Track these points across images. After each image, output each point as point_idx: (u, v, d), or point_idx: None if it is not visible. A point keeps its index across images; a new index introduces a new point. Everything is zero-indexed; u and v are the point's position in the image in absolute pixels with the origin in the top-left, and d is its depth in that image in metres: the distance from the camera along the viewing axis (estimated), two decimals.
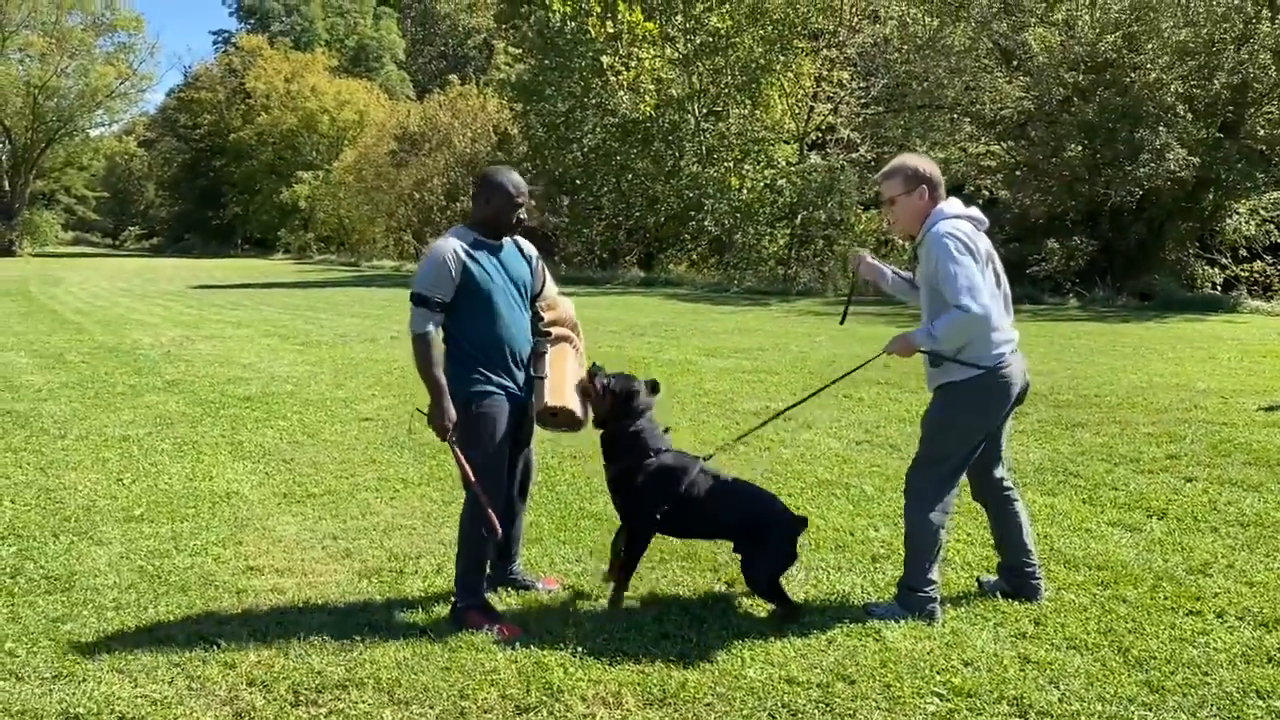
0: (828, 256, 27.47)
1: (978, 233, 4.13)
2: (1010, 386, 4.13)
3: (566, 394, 4.24)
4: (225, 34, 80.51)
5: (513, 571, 4.54)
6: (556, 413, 4.24)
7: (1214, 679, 3.60)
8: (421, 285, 4.10)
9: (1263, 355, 12.55)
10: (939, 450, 4.19)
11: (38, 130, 58.61)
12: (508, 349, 4.19)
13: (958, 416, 4.14)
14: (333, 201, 50.37)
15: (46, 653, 3.90)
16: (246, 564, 4.90)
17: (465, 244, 4.16)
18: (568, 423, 4.31)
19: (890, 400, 9.28)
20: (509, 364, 4.20)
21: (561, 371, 4.29)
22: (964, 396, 4.10)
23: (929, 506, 4.17)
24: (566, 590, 4.51)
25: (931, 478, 4.19)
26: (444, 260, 4.09)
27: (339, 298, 24.38)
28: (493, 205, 4.21)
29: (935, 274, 4.03)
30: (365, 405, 9.16)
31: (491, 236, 4.25)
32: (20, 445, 7.49)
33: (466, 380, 4.13)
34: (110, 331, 15.69)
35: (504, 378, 4.18)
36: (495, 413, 4.15)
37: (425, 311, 4.09)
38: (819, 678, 3.61)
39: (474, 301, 4.13)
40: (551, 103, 31.41)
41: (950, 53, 24.09)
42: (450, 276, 4.09)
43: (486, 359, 4.15)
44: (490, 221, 4.23)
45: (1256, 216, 22.77)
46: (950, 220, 4.09)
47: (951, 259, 3.95)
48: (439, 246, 4.15)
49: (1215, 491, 6.06)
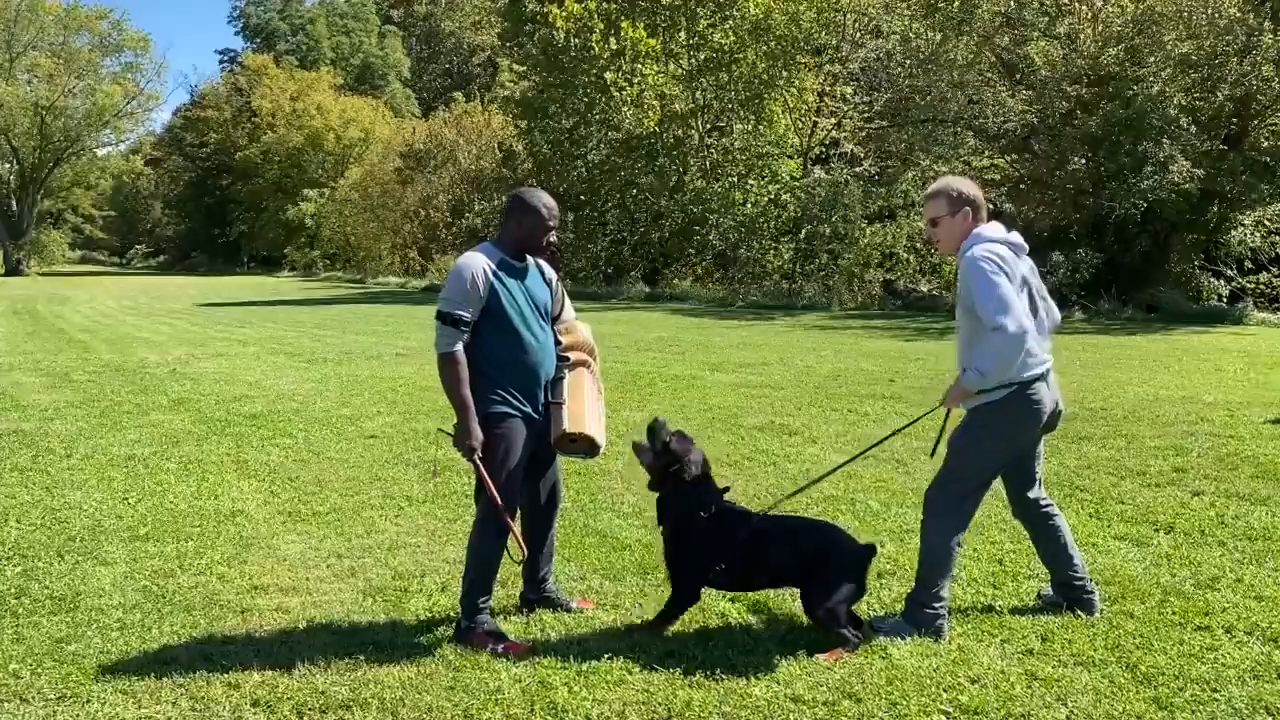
0: (832, 270, 27.50)
1: (1016, 257, 4.11)
2: (1040, 410, 4.12)
3: (586, 420, 4.20)
4: (231, 53, 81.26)
5: (546, 590, 4.49)
6: (576, 438, 4.21)
7: (1223, 695, 3.57)
8: (448, 304, 4.05)
9: (1269, 367, 12.51)
10: (964, 469, 4.18)
11: (45, 150, 58.98)
12: (531, 372, 4.17)
13: (985, 437, 4.13)
14: (338, 219, 50.54)
15: (51, 674, 3.89)
16: (251, 583, 4.89)
17: (493, 263, 4.13)
18: (586, 448, 4.27)
19: (896, 415, 9.25)
20: (531, 387, 4.18)
21: (580, 397, 4.25)
22: (993, 417, 4.09)
23: (949, 525, 4.16)
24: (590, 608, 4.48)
25: (954, 496, 4.18)
26: (473, 278, 4.04)
27: (345, 315, 24.44)
28: (524, 226, 4.18)
29: (970, 295, 4.03)
30: (370, 423, 9.16)
31: (518, 258, 4.22)
32: (26, 464, 7.50)
33: (485, 401, 4.10)
34: (116, 350, 15.74)
35: (523, 401, 4.16)
36: (512, 434, 4.12)
37: (453, 331, 4.05)
38: (825, 696, 3.59)
39: (498, 323, 4.09)
40: (556, 119, 31.54)
41: (953, 67, 24.16)
42: (478, 296, 4.04)
43: (508, 381, 4.12)
44: (521, 242, 4.21)
45: (1262, 228, 22.78)
46: (986, 244, 4.08)
47: (985, 279, 3.94)
48: (467, 264, 4.09)
49: (1223, 505, 6.03)
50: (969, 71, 24.14)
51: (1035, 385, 4.09)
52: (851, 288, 26.59)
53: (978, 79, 24.23)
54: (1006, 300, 3.91)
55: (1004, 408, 4.07)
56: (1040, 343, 4.13)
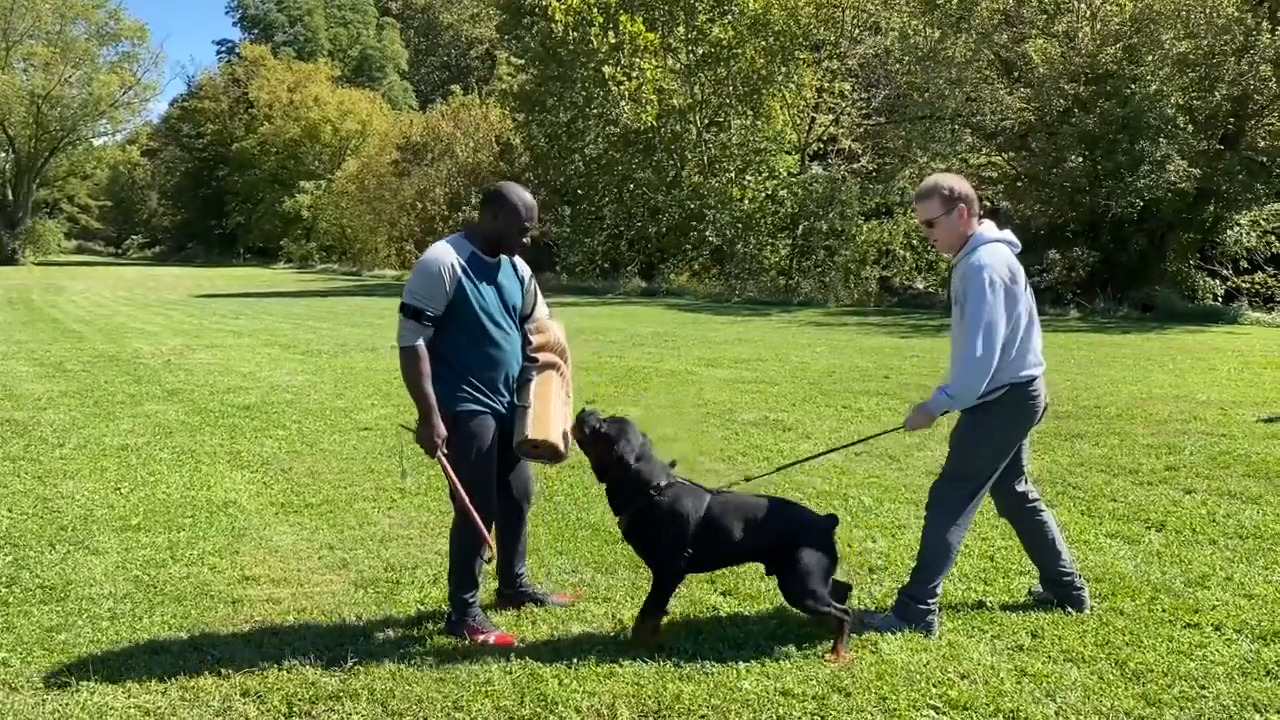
0: (829, 267, 27.51)
1: (1015, 261, 4.11)
2: (1037, 406, 4.15)
3: (550, 426, 4.05)
4: (229, 44, 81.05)
5: (521, 586, 4.46)
6: (538, 445, 4.07)
7: (1211, 692, 3.58)
8: (413, 297, 3.97)
9: (1263, 367, 12.53)
10: (969, 467, 4.18)
11: (41, 139, 58.70)
12: (496, 371, 4.09)
13: (990, 433, 4.13)
14: (335, 211, 50.45)
15: (41, 662, 3.89)
16: (242, 574, 4.89)
17: (462, 258, 4.03)
18: (549, 455, 4.13)
19: (888, 411, 9.26)
20: (497, 385, 4.10)
21: (546, 402, 4.10)
22: (995, 414, 4.10)
23: (951, 522, 4.16)
24: (571, 602, 4.48)
25: (959, 494, 4.18)
26: (438, 273, 3.96)
27: (340, 307, 24.40)
28: (499, 222, 4.07)
29: (963, 299, 4.03)
30: (364, 415, 9.16)
31: (489, 253, 4.13)
32: (19, 454, 7.49)
33: (453, 399, 4.03)
34: (111, 340, 15.71)
35: (491, 398, 4.09)
36: (482, 430, 4.06)
37: (415, 325, 3.97)
38: (815, 690, 3.60)
39: (463, 320, 4.01)
40: (554, 113, 31.48)
41: (951, 64, 24.14)
42: (444, 291, 3.96)
43: (474, 378, 4.04)
44: (494, 238, 4.10)
45: (1257, 228, 22.80)
46: (990, 246, 4.07)
47: (980, 295, 3.95)
48: (433, 257, 3.99)
49: (1214, 503, 6.04)
50: (967, 69, 24.12)
51: (1034, 384, 4.12)
52: (848, 284, 26.61)
53: (976, 76, 24.21)
54: (993, 325, 3.93)
55: (1006, 406, 4.09)
56: (1037, 341, 4.16)
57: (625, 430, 4.10)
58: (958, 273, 4.12)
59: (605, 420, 4.13)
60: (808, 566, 3.96)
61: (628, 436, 4.08)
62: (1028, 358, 4.09)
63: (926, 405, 4.13)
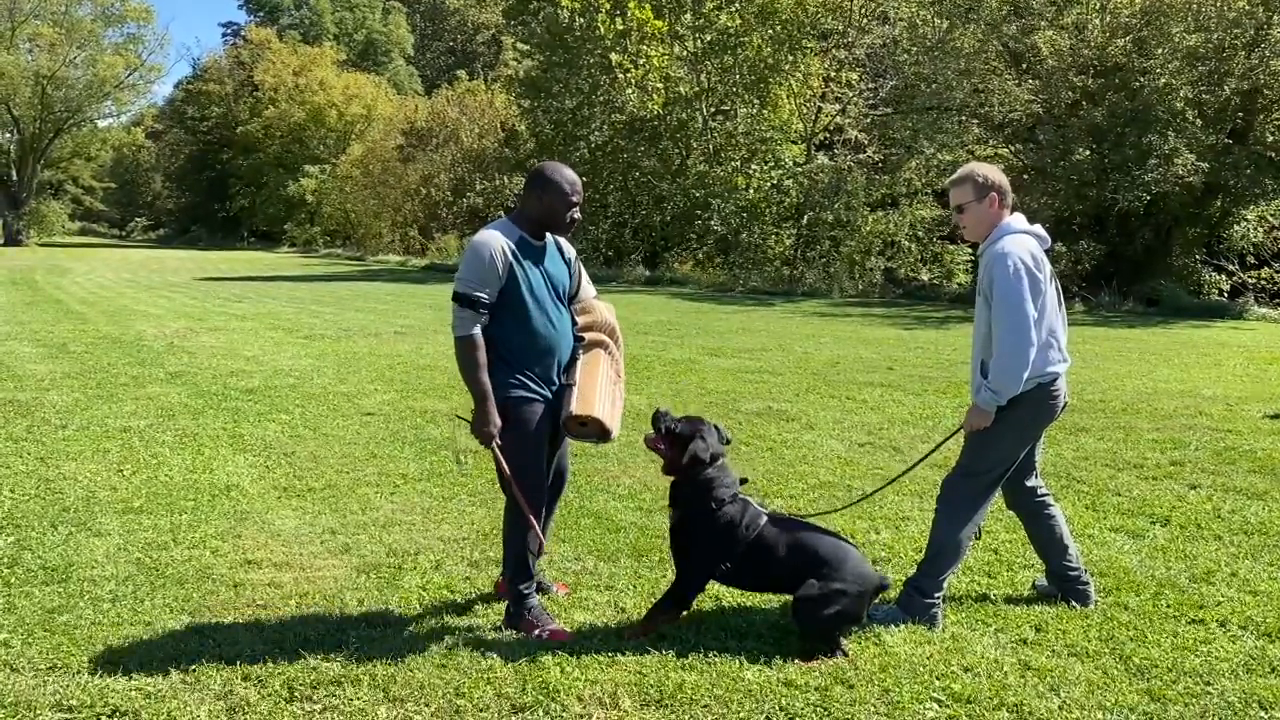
0: (833, 257, 27.44)
1: (1041, 253, 4.08)
2: (1058, 401, 4.14)
3: (595, 403, 3.98)
4: (234, 26, 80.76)
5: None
6: (586, 422, 3.98)
7: (1216, 689, 3.57)
8: (466, 285, 3.86)
9: (1269, 362, 12.50)
10: (984, 462, 4.15)
11: (46, 120, 58.59)
12: (548, 355, 4.02)
13: (1007, 429, 4.10)
14: (339, 196, 50.34)
15: (41, 644, 3.88)
16: (244, 558, 4.88)
17: (511, 242, 3.94)
18: (597, 433, 4.03)
19: (893, 403, 9.24)
20: (549, 371, 4.03)
21: (593, 379, 4.05)
22: (1018, 413, 4.07)
23: (963, 518, 4.14)
24: (568, 593, 4.48)
25: (973, 489, 4.16)
26: (490, 259, 3.86)
27: (344, 292, 24.38)
28: (545, 203, 3.99)
29: (990, 290, 4.01)
30: (368, 400, 9.14)
31: (537, 236, 4.05)
32: (21, 435, 7.48)
33: (504, 385, 3.94)
34: (114, 322, 15.70)
35: (541, 385, 4.01)
36: (534, 420, 3.98)
37: (471, 313, 3.86)
38: (817, 681, 3.58)
39: (515, 305, 3.93)
40: (559, 99, 31.35)
41: (959, 55, 24.02)
42: (497, 277, 3.87)
43: (525, 364, 3.97)
44: (542, 219, 4.02)
45: (1265, 223, 22.71)
46: (1015, 236, 4.04)
47: (1008, 283, 3.92)
48: (484, 242, 3.89)
49: (1219, 499, 6.02)
50: (975, 60, 24.00)
51: (1057, 382, 4.09)
52: (852, 275, 26.53)
53: (984, 67, 24.09)
54: (1023, 312, 3.90)
55: (1028, 403, 4.06)
56: (1061, 336, 4.12)
57: (701, 431, 4.04)
58: (983, 262, 4.10)
59: (680, 420, 4.07)
60: (838, 613, 3.81)
61: (704, 437, 4.02)
62: (1051, 353, 4.05)
63: (977, 405, 4.09)
